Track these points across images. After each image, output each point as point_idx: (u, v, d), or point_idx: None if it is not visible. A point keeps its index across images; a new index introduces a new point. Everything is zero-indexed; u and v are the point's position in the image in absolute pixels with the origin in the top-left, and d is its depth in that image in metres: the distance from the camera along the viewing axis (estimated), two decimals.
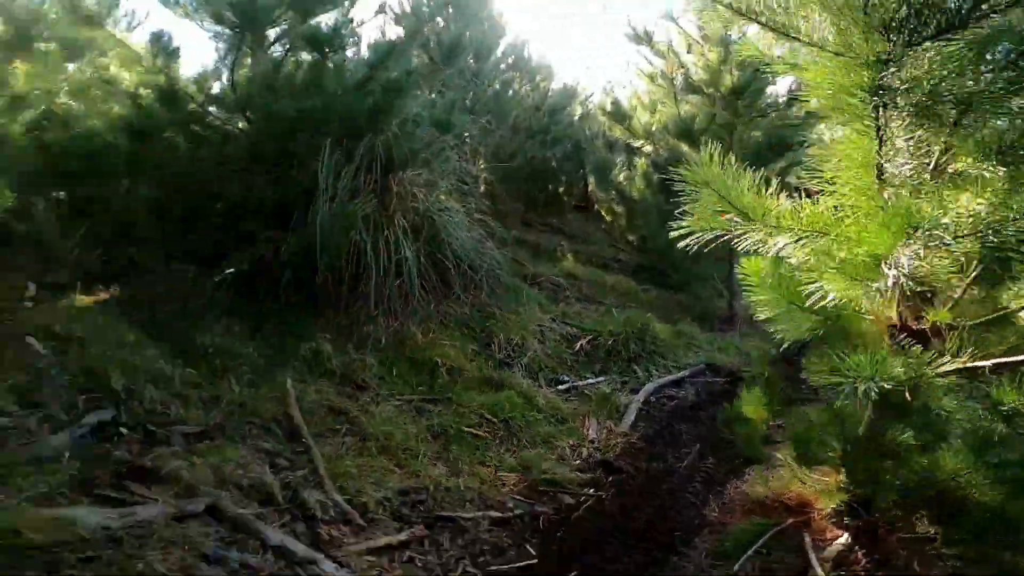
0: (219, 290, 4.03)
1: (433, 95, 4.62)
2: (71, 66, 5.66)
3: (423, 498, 2.92)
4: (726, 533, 2.57)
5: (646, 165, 7.12)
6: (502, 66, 8.44)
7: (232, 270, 3.99)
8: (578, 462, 3.50)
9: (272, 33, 4.44)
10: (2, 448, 2.52)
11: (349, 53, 4.44)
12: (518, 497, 3.08)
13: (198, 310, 3.84)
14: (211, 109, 4.46)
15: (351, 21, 4.22)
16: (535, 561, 2.64)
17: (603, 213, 9.12)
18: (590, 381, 4.61)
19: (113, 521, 2.27)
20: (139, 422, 2.87)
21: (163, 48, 4.32)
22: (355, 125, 3.94)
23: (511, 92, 8.32)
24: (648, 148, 7.34)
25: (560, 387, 4.41)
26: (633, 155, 7.70)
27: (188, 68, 5.71)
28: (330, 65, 3.86)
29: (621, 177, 7.95)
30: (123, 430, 2.79)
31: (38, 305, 3.81)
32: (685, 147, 6.37)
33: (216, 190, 4.13)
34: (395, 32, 6.57)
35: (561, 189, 9.67)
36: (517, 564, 2.61)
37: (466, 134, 5.57)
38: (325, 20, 4.27)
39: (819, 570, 2.06)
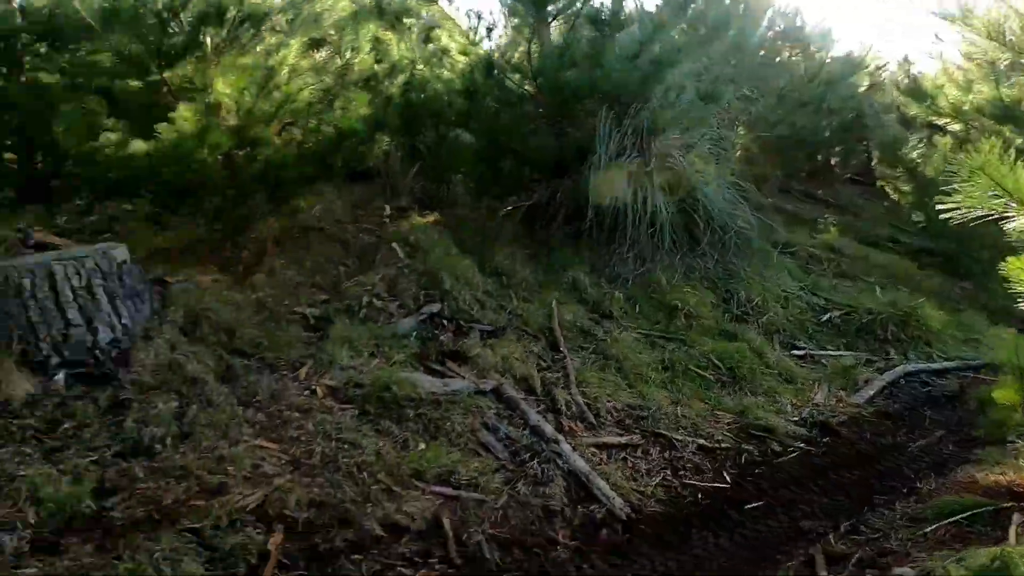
0: (507, 222, 5.05)
1: (696, 64, 4.88)
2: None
3: (645, 415, 3.45)
4: (931, 503, 2.62)
5: (948, 144, 6.28)
6: (769, 34, 8.08)
7: (510, 208, 4.96)
8: (796, 419, 3.68)
9: (552, 8, 5.06)
10: (377, 323, 3.74)
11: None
12: (728, 433, 3.44)
13: (492, 236, 4.88)
14: (508, 76, 5.34)
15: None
16: (728, 486, 3.03)
17: (887, 190, 8.22)
18: (831, 352, 4.57)
19: (437, 388, 3.24)
20: (454, 316, 3.95)
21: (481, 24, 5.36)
22: (625, 93, 4.52)
23: (778, 60, 7.97)
24: (955, 127, 6.46)
25: (795, 351, 4.48)
26: (935, 132, 6.82)
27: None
28: (607, 41, 4.44)
29: (914, 154, 7.11)
30: (444, 321, 3.90)
31: (392, 222, 5.29)
32: (1006, 130, 5.52)
33: (511, 142, 5.06)
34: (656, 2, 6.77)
35: (833, 160, 8.98)
36: (711, 484, 3.03)
37: (726, 101, 5.67)
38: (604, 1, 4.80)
39: (1013, 541, 2.09)
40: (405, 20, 6.86)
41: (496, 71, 5.15)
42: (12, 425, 2.45)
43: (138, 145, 3.09)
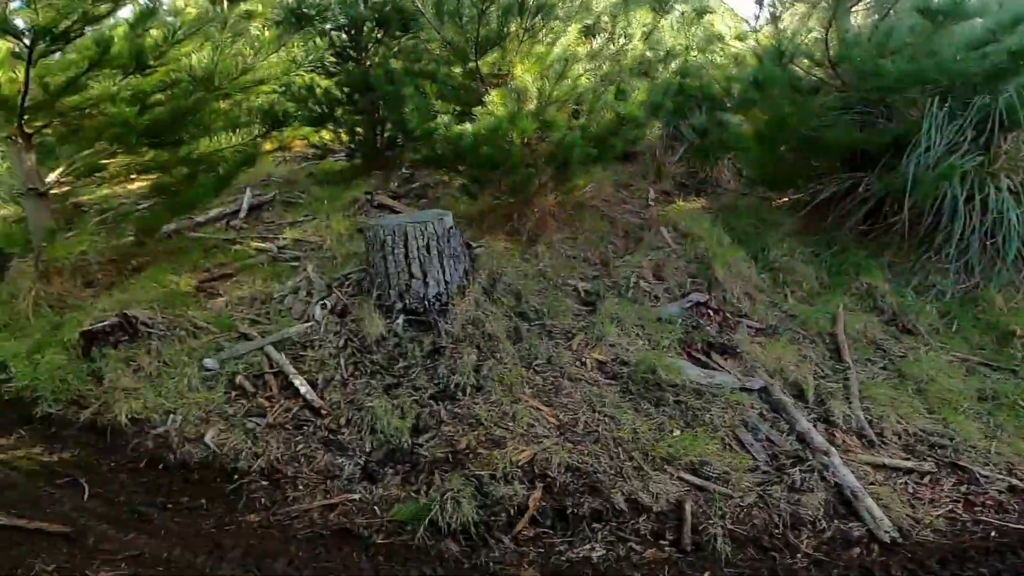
0: (786, 214, 4.51)
1: None
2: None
3: (943, 443, 2.87)
4: None
5: None
6: None
7: (788, 199, 4.37)
8: None
9: None
10: (643, 304, 3.64)
11: None
12: None
13: (767, 227, 4.42)
14: (796, 63, 4.66)
15: None
16: None
17: None
18: None
19: (700, 378, 3.10)
20: (721, 308, 3.67)
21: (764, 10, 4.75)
22: (966, 85, 3.64)
23: None
24: None
25: None
26: None
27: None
28: (941, 29, 3.62)
29: None
30: (710, 311, 3.64)
31: (656, 205, 5.13)
32: None
33: (799, 130, 4.45)
34: None
35: None
36: (1013, 525, 2.44)
37: None
38: None
39: None
40: (677, 6, 6.52)
41: (786, 60, 4.55)
42: (366, 360, 2.93)
43: (465, 127, 3.45)
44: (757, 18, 5.20)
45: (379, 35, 5.20)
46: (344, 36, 5.15)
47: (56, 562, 1.87)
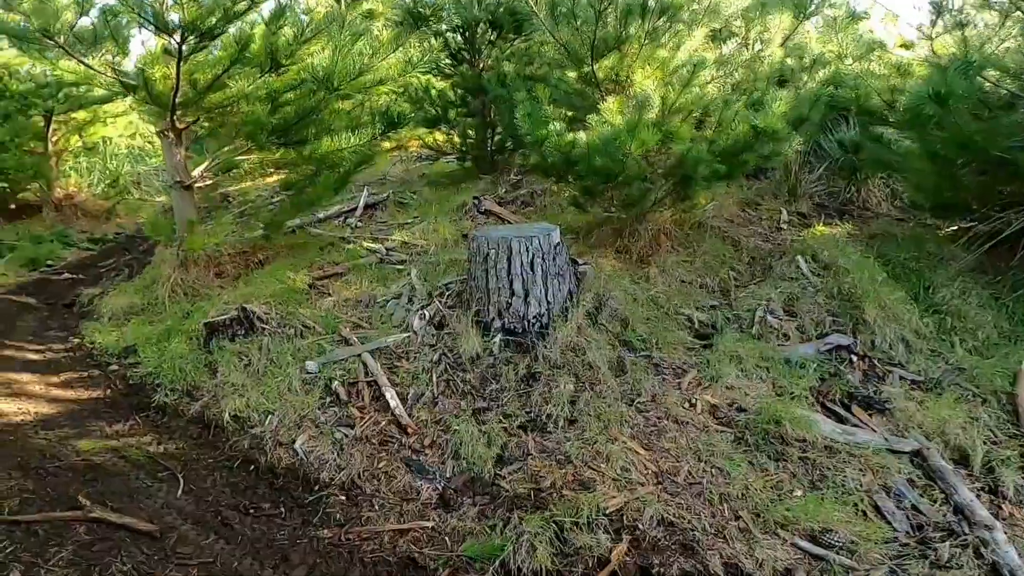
0: (962, 246, 3.73)
1: None
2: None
3: None
4: None
5: None
6: None
7: (959, 228, 3.60)
8: None
9: None
10: (769, 343, 3.13)
11: None
12: None
13: (933, 261, 3.70)
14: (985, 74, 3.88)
15: None
16: None
17: None
18: None
19: (835, 435, 2.62)
20: (868, 354, 3.10)
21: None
22: None
23: None
24: None
25: None
26: None
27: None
28: None
29: None
30: (854, 357, 3.07)
31: (790, 228, 4.51)
32: None
33: (990, 149, 3.66)
34: None
35: None
36: None
37: None
38: None
39: None
40: (826, 9, 5.76)
41: (972, 69, 3.78)
42: (458, 378, 2.79)
43: (578, 136, 3.18)
44: (933, 24, 4.41)
45: (492, 37, 5.08)
46: (459, 38, 5.09)
47: (133, 562, 1.90)
